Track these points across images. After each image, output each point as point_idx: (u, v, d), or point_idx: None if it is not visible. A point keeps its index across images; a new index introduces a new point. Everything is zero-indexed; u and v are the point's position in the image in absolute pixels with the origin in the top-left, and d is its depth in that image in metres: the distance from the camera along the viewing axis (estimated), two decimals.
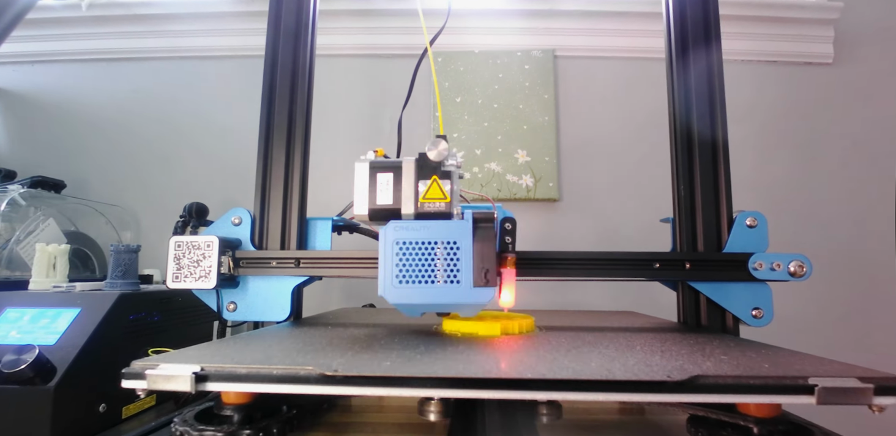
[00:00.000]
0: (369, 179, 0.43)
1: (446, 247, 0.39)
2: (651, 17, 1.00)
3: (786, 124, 1.01)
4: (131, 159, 1.05)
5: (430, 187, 0.42)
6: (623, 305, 0.94)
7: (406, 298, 0.39)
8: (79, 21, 1.06)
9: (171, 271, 0.50)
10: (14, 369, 0.42)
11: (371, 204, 0.43)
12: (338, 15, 1.02)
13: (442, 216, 0.42)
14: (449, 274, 0.39)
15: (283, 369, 0.29)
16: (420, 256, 0.39)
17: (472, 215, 0.40)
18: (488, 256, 0.39)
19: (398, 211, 0.42)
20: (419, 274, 0.39)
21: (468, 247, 0.39)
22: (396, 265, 0.39)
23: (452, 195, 0.42)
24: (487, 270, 0.39)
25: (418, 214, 0.42)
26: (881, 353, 0.94)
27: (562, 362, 0.31)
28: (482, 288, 0.39)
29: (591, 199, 1.00)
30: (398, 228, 0.40)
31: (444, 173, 0.43)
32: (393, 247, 0.40)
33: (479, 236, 0.39)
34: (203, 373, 0.29)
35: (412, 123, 0.99)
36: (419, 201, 0.42)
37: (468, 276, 0.39)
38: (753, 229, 0.53)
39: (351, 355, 0.33)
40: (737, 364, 0.30)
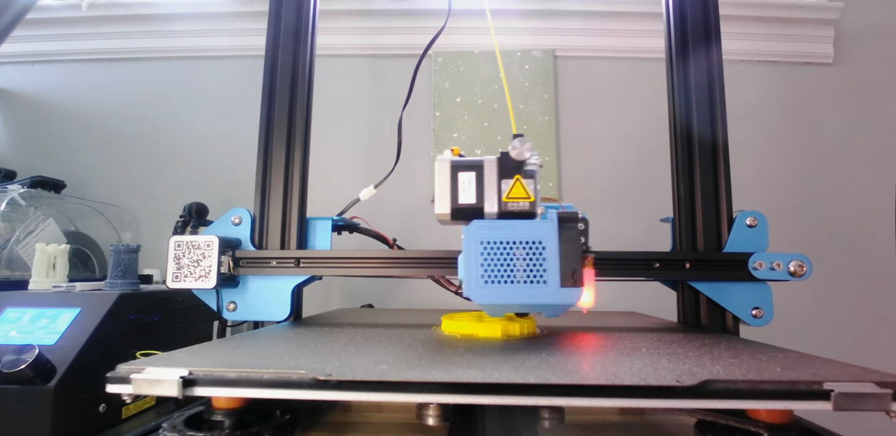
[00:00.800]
0: (451, 178, 0.42)
1: (532, 247, 0.39)
2: (651, 17, 1.01)
3: (786, 124, 1.01)
4: (131, 159, 1.05)
5: (513, 186, 0.42)
6: (623, 305, 0.94)
7: (492, 299, 0.38)
8: (79, 21, 1.06)
9: (171, 271, 0.50)
10: (14, 369, 0.42)
11: (453, 203, 0.42)
12: (338, 15, 1.02)
13: (526, 216, 0.41)
14: (535, 274, 0.38)
15: (275, 374, 0.28)
16: (505, 256, 0.39)
17: (558, 215, 0.39)
18: (575, 256, 0.38)
19: (481, 210, 0.42)
20: (505, 274, 0.38)
21: (554, 247, 0.38)
22: (482, 265, 0.38)
23: (536, 195, 0.42)
24: (574, 270, 0.38)
25: (502, 214, 0.41)
26: (881, 353, 0.94)
27: (565, 365, 0.30)
28: (570, 288, 0.38)
29: (591, 199, 1.00)
30: (483, 227, 0.40)
31: (527, 173, 0.42)
32: (478, 246, 0.39)
33: (565, 236, 0.39)
34: (191, 377, 0.28)
35: (412, 123, 0.99)
36: (502, 200, 0.42)
37: (555, 276, 0.38)
38: (753, 229, 0.53)
39: (346, 358, 0.32)
40: (748, 368, 0.29)
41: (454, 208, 0.42)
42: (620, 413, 0.44)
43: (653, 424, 0.41)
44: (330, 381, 0.27)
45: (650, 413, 0.43)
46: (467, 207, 0.42)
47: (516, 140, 0.41)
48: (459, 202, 0.42)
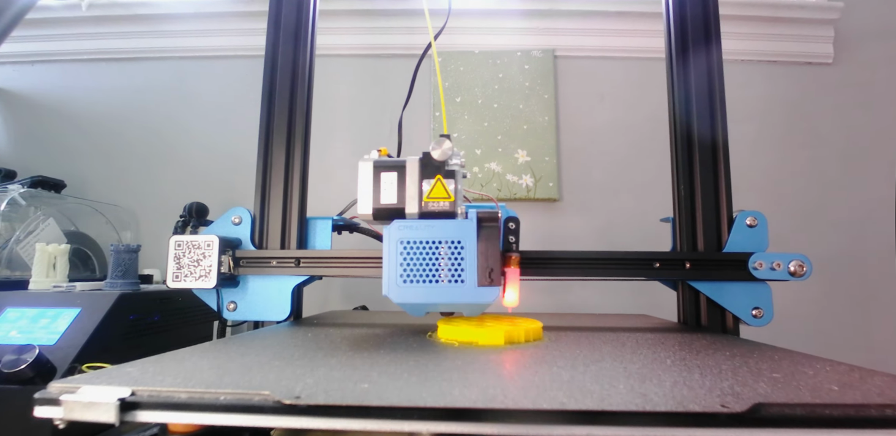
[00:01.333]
0: (373, 179, 0.43)
1: (451, 246, 0.39)
2: (651, 17, 1.01)
3: (786, 124, 1.01)
4: (131, 159, 1.05)
5: (434, 187, 0.42)
6: (623, 305, 0.94)
7: (410, 298, 0.39)
8: (79, 21, 1.06)
9: (172, 271, 0.50)
10: (14, 369, 0.42)
11: (375, 203, 0.43)
12: (338, 15, 1.02)
13: (446, 216, 0.42)
14: (453, 273, 0.39)
15: (233, 395, 0.23)
16: (424, 256, 0.39)
17: (477, 215, 0.40)
18: (493, 255, 0.39)
19: (402, 210, 0.42)
20: (423, 273, 0.39)
21: (472, 246, 0.39)
22: (401, 265, 0.39)
23: (456, 194, 0.42)
24: (492, 269, 0.38)
25: (422, 214, 0.42)
26: (881, 353, 0.94)
27: (581, 382, 0.26)
28: (486, 287, 0.38)
29: (591, 199, 1.00)
30: (402, 227, 0.40)
31: (448, 173, 0.43)
32: (397, 246, 0.40)
33: (484, 236, 0.39)
34: (132, 399, 0.23)
35: (412, 122, 0.99)
36: (423, 201, 0.42)
37: (472, 275, 0.38)
38: (753, 229, 0.53)
39: (323, 373, 0.28)
40: (797, 385, 0.25)
41: (376, 209, 0.43)
42: None
43: None
44: (298, 405, 0.22)
45: None
46: (389, 207, 0.42)
47: (436, 141, 0.42)
48: (381, 203, 0.43)
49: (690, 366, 0.31)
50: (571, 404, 0.22)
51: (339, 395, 0.23)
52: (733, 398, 0.23)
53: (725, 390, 0.25)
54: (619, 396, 0.23)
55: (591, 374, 0.28)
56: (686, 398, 0.23)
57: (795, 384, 0.26)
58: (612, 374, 0.28)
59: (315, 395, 0.23)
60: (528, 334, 0.41)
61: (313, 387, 0.25)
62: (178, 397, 0.24)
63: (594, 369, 0.30)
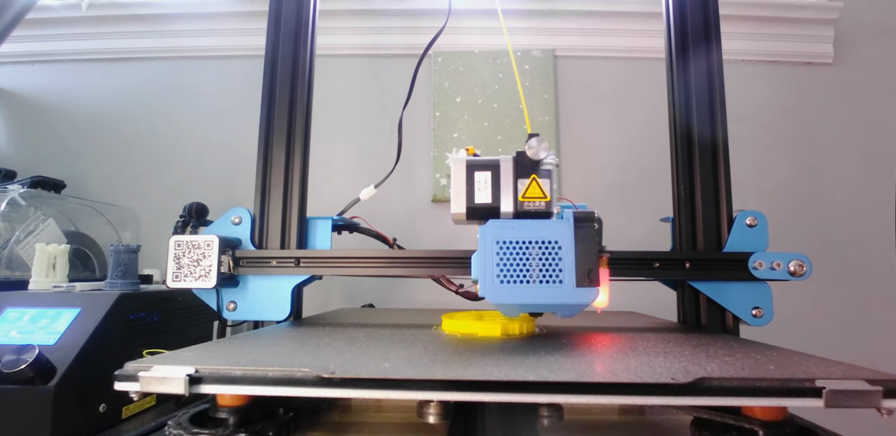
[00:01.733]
0: (466, 178, 0.42)
1: (548, 246, 0.38)
2: (651, 17, 1.01)
3: (786, 124, 1.01)
4: (131, 159, 1.05)
5: (529, 186, 0.42)
6: (623, 305, 0.94)
7: (508, 298, 0.38)
8: (79, 21, 1.06)
9: (171, 271, 0.50)
10: (14, 369, 0.42)
11: (469, 202, 0.42)
12: (338, 15, 1.02)
13: (542, 215, 0.41)
14: (551, 274, 0.38)
15: (279, 371, 0.28)
16: (521, 256, 0.38)
17: (574, 215, 0.39)
18: (591, 256, 0.38)
19: (497, 209, 0.42)
20: (520, 274, 0.38)
21: (570, 247, 0.38)
22: (497, 265, 0.38)
23: (552, 194, 0.42)
24: (590, 270, 0.38)
25: (518, 213, 0.42)
26: (881, 353, 0.94)
27: (564, 363, 0.31)
28: (585, 288, 0.37)
29: (591, 199, 1.00)
30: (498, 227, 0.39)
31: (543, 172, 0.42)
32: (493, 246, 0.39)
33: (581, 236, 0.38)
34: (197, 375, 0.28)
35: (412, 122, 0.99)
36: (518, 200, 0.42)
37: (571, 276, 0.38)
38: (753, 229, 0.53)
39: (349, 357, 0.32)
40: (741, 366, 0.30)
41: (470, 208, 0.42)
42: (619, 413, 0.43)
43: (651, 423, 0.41)
44: (334, 378, 0.27)
45: (648, 413, 0.43)
46: (483, 206, 0.42)
47: (533, 139, 0.41)
48: (475, 202, 0.42)
49: (657, 352, 0.35)
50: (552, 377, 0.27)
51: (366, 371, 0.28)
52: (683, 374, 0.27)
53: (680, 368, 0.29)
54: (591, 372, 0.28)
55: (573, 358, 0.33)
56: (646, 374, 0.28)
57: (740, 365, 0.30)
58: (589, 358, 0.33)
59: (346, 371, 0.28)
60: (522, 327, 0.45)
61: (343, 366, 0.29)
62: (233, 373, 0.28)
63: (575, 354, 0.34)
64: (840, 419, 0.40)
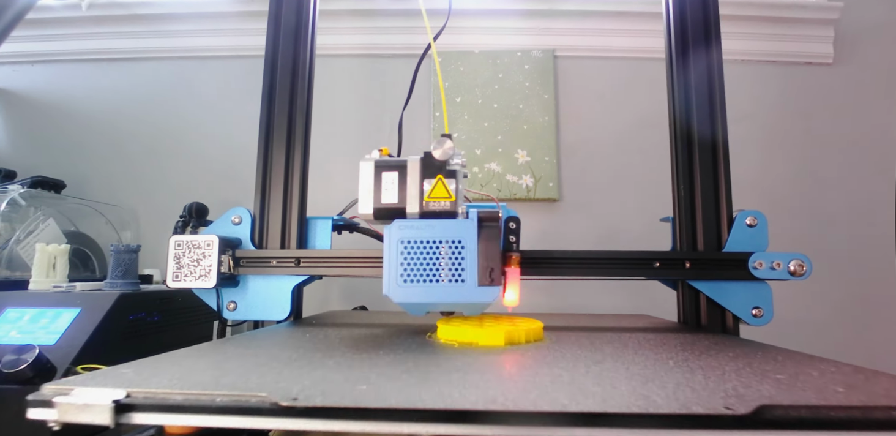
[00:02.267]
0: (374, 178, 0.43)
1: (451, 246, 0.39)
2: (651, 17, 1.01)
3: (786, 124, 1.01)
4: (131, 159, 1.05)
5: (434, 186, 0.42)
6: (623, 305, 0.94)
7: (411, 297, 0.39)
8: (79, 21, 1.06)
9: (172, 270, 0.50)
10: (14, 369, 0.42)
11: (376, 203, 0.43)
12: (338, 15, 1.02)
13: (447, 215, 0.42)
14: (454, 273, 0.39)
15: (229, 397, 0.23)
16: (425, 256, 0.39)
17: (478, 214, 0.40)
18: (493, 255, 0.39)
19: (403, 210, 0.42)
20: (424, 273, 0.39)
21: (473, 246, 0.39)
22: (401, 264, 0.39)
23: (457, 194, 0.42)
24: (492, 269, 0.38)
25: (423, 214, 0.42)
26: (881, 353, 0.94)
27: (583, 383, 0.26)
28: (487, 287, 0.38)
29: (591, 199, 1.00)
30: (403, 227, 0.40)
31: (449, 172, 0.43)
32: (398, 246, 0.40)
33: (484, 235, 0.39)
34: (127, 401, 0.23)
35: (413, 122, 0.99)
36: (424, 200, 0.42)
37: (473, 275, 0.38)
38: (753, 228, 0.53)
39: (321, 374, 0.28)
40: (802, 387, 0.25)
41: (377, 209, 0.43)
42: None
43: None
44: (295, 407, 0.22)
45: None
46: (390, 207, 0.43)
47: (437, 140, 0.42)
48: (382, 202, 0.43)
49: (693, 367, 0.30)
50: (572, 405, 0.22)
51: (336, 396, 0.23)
52: (737, 400, 0.22)
53: (729, 391, 0.24)
54: (620, 397, 0.23)
55: (593, 375, 0.28)
56: (689, 400, 0.23)
57: (800, 386, 0.26)
58: (613, 375, 0.28)
59: (312, 396, 0.23)
60: (528, 334, 0.41)
61: (311, 388, 0.24)
62: (173, 399, 0.23)
63: (595, 371, 0.29)
64: None
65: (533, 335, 0.41)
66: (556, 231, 0.99)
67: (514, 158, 0.99)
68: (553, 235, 0.99)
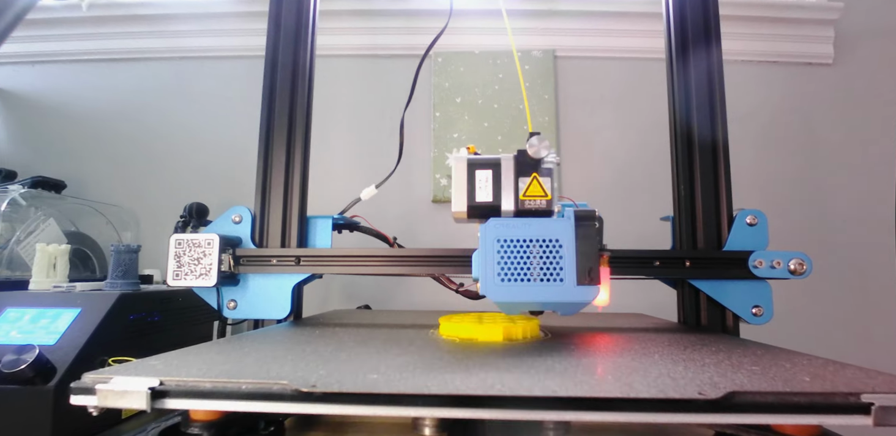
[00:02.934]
0: (467, 176, 0.42)
1: (549, 245, 0.38)
2: (651, 17, 1.01)
3: (786, 124, 1.01)
4: (131, 159, 1.05)
5: (530, 184, 0.42)
6: (623, 305, 0.94)
7: (508, 296, 0.38)
8: (79, 21, 1.06)
9: (172, 269, 0.50)
10: (14, 369, 0.42)
11: (469, 201, 0.42)
12: (338, 15, 1.02)
13: (543, 214, 0.41)
14: (552, 272, 0.38)
15: (254, 384, 0.25)
16: (522, 254, 0.38)
17: (575, 213, 0.39)
18: (591, 254, 0.38)
19: (498, 208, 0.42)
20: (522, 272, 0.38)
21: (571, 245, 0.38)
22: (498, 263, 0.38)
23: (553, 193, 0.42)
24: (591, 268, 0.38)
25: (519, 212, 0.42)
26: (880, 353, 0.94)
27: (574, 374, 0.28)
28: (586, 286, 0.37)
29: (591, 198, 1.00)
30: (499, 225, 0.39)
31: (544, 170, 0.42)
32: (494, 244, 0.39)
33: (582, 234, 0.38)
34: (161, 388, 0.25)
35: (413, 123, 0.99)
36: (520, 198, 0.42)
37: (571, 274, 0.38)
38: (753, 227, 0.53)
39: (334, 366, 0.30)
40: (773, 377, 0.27)
41: (471, 206, 0.42)
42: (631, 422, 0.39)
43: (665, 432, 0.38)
44: (314, 393, 0.24)
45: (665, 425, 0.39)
46: (484, 205, 0.42)
47: (534, 138, 0.41)
48: (476, 200, 0.42)
49: (676, 360, 0.33)
50: (562, 391, 0.24)
51: (350, 384, 0.25)
52: (710, 387, 0.25)
53: (705, 380, 0.26)
54: (606, 385, 0.25)
55: (583, 367, 0.30)
56: (668, 387, 0.25)
57: (771, 376, 0.28)
58: (602, 367, 0.30)
59: (329, 384, 0.25)
60: (525, 330, 0.43)
61: (327, 377, 0.26)
62: (203, 387, 0.25)
63: (586, 363, 0.31)
64: None
65: (530, 332, 0.43)
66: None
67: None
68: None
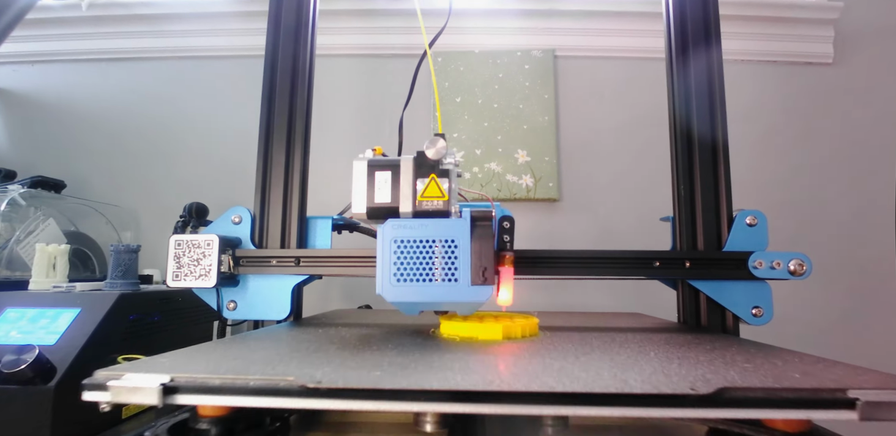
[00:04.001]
0: (367, 178, 0.43)
1: (444, 245, 0.39)
2: (651, 17, 1.01)
3: (786, 124, 1.01)
4: (131, 159, 1.05)
5: (428, 186, 0.42)
6: (623, 305, 0.94)
7: (404, 297, 0.39)
8: (79, 21, 1.06)
9: (172, 270, 0.50)
10: (14, 369, 0.42)
11: (369, 202, 0.43)
12: (338, 15, 1.02)
13: (440, 215, 0.42)
14: (447, 272, 0.39)
15: (261, 380, 0.26)
16: (418, 255, 0.39)
17: (471, 214, 0.40)
18: (486, 254, 0.39)
19: (396, 209, 0.42)
20: (417, 272, 0.39)
21: (466, 245, 0.39)
22: (394, 263, 0.39)
23: (450, 194, 0.42)
24: (485, 268, 0.38)
25: (416, 213, 0.42)
26: (880, 352, 0.94)
27: (571, 370, 0.29)
28: (480, 286, 0.38)
29: (591, 199, 1.00)
30: (396, 226, 0.40)
31: (442, 172, 0.43)
32: (391, 245, 0.40)
33: (477, 235, 0.39)
34: (172, 384, 0.26)
35: (412, 122, 0.99)
36: (417, 200, 0.42)
37: (466, 274, 0.39)
38: (753, 228, 0.53)
39: (338, 363, 0.31)
40: (764, 374, 0.28)
41: (370, 208, 0.43)
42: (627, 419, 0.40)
43: (661, 428, 0.39)
44: (320, 388, 0.25)
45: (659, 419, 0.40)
46: (383, 206, 0.42)
47: (430, 140, 0.42)
48: (375, 202, 0.43)
49: (671, 357, 0.33)
50: (559, 387, 0.25)
51: (355, 380, 0.26)
52: (703, 383, 0.25)
53: (697, 376, 0.27)
54: (602, 381, 0.26)
55: (580, 364, 0.31)
56: (661, 383, 0.26)
57: (762, 372, 0.28)
58: (598, 364, 0.31)
59: (334, 380, 0.26)
60: (524, 329, 0.43)
61: (332, 374, 0.27)
62: (212, 383, 0.26)
63: (583, 360, 0.32)
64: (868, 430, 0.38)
65: (528, 330, 0.44)
66: (557, 231, 0.99)
67: (514, 158, 0.99)
68: (553, 235, 0.99)
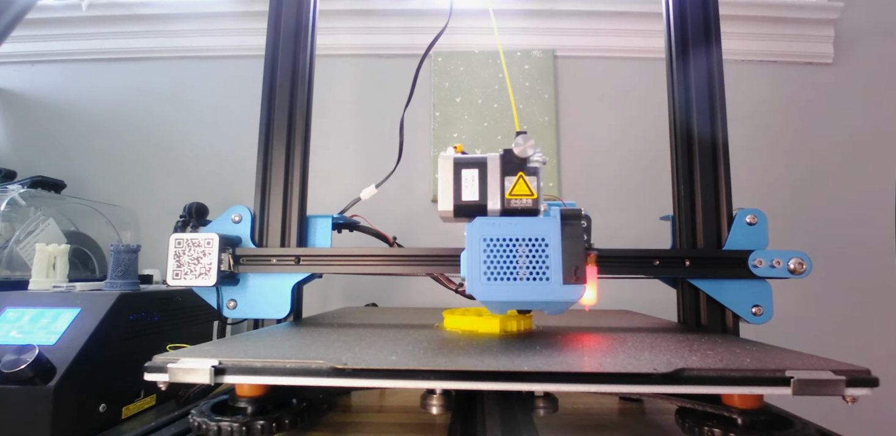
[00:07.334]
0: (454, 175, 0.42)
1: (535, 243, 0.38)
2: (651, 17, 1.01)
3: (786, 124, 1.01)
4: (131, 159, 1.05)
5: (516, 183, 0.42)
6: (622, 304, 0.94)
7: (495, 296, 0.38)
8: (79, 21, 1.06)
9: (172, 269, 0.50)
10: (14, 369, 0.42)
11: (456, 200, 0.42)
12: (338, 15, 1.02)
13: (529, 213, 0.41)
14: (538, 271, 0.38)
15: (296, 363, 0.30)
16: (508, 253, 0.39)
17: (561, 212, 0.39)
18: (577, 253, 0.38)
19: (484, 207, 0.42)
20: (507, 271, 0.38)
21: (557, 244, 0.38)
22: (484, 262, 0.38)
23: (539, 192, 0.42)
24: (577, 267, 0.38)
25: (505, 211, 0.41)
26: (880, 352, 0.94)
27: (556, 356, 0.33)
28: (572, 285, 0.38)
29: (591, 198, 1.00)
30: (485, 224, 0.39)
31: (530, 170, 0.42)
32: (480, 243, 0.39)
33: (568, 233, 0.38)
34: (221, 366, 0.31)
35: (413, 122, 0.99)
36: (505, 198, 0.42)
37: (558, 273, 0.38)
38: (753, 227, 0.53)
39: (358, 350, 0.35)
40: (720, 359, 0.32)
41: (457, 205, 0.42)
42: (610, 402, 0.48)
43: (639, 411, 0.46)
44: (346, 369, 0.29)
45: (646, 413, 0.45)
46: (470, 204, 0.42)
47: (519, 137, 0.41)
48: (462, 199, 0.42)
49: (644, 347, 0.37)
50: (544, 367, 0.30)
51: (375, 362, 0.30)
52: (665, 365, 0.30)
53: (662, 361, 0.31)
54: (581, 364, 0.31)
55: (565, 352, 0.35)
56: (630, 365, 0.30)
57: (719, 358, 0.33)
58: (581, 351, 0.36)
59: (358, 363, 0.30)
60: (519, 324, 0.47)
61: (355, 358, 0.31)
62: (254, 365, 0.31)
63: (568, 349, 0.37)
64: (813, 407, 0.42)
65: (524, 325, 0.47)
66: None
67: None
68: None
